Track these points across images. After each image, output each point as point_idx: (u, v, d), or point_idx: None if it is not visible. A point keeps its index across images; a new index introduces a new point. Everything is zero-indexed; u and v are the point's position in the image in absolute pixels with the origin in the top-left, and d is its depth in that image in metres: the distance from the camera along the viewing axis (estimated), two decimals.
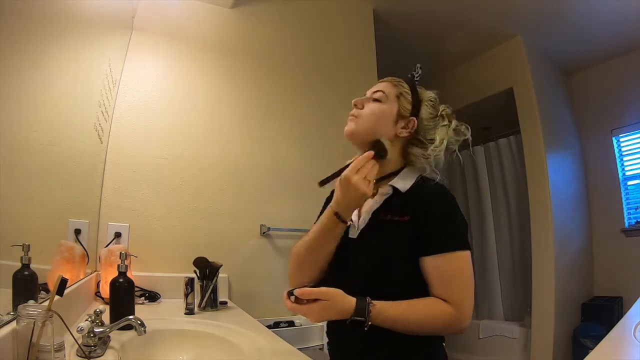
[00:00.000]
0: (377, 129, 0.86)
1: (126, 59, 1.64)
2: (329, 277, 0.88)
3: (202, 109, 1.81)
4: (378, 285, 0.78)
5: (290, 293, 0.72)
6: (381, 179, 0.87)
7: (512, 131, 2.89)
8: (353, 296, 0.73)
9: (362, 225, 0.85)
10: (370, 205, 0.86)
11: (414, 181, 0.85)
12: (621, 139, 2.97)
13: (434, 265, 0.76)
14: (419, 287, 0.78)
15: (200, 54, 1.85)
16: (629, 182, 2.92)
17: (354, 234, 0.86)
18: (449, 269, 0.76)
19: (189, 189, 1.71)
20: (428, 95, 0.91)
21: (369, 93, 0.92)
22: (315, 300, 0.71)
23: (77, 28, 1.04)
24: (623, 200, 2.90)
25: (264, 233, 1.83)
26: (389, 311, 0.73)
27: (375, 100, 0.89)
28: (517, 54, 2.76)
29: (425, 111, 0.88)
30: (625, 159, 2.96)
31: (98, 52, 1.27)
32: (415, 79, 0.91)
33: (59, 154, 0.96)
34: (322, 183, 0.85)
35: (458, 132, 0.88)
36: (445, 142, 0.86)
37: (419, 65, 0.91)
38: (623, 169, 2.96)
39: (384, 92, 0.88)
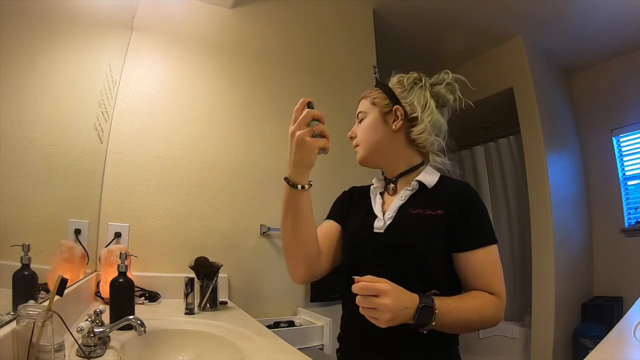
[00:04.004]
0: (375, 139, 0.88)
1: (126, 59, 1.64)
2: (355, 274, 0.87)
3: (202, 108, 1.81)
4: (409, 277, 0.76)
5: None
6: (400, 176, 0.89)
7: (512, 131, 2.89)
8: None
9: (388, 220, 0.84)
10: (395, 201, 0.86)
11: (437, 177, 0.87)
12: (621, 139, 2.97)
13: (472, 259, 0.77)
14: (451, 282, 0.78)
15: (200, 54, 1.85)
16: (629, 182, 2.92)
17: (380, 228, 0.84)
18: (487, 262, 0.77)
19: (189, 188, 1.71)
20: (395, 79, 0.93)
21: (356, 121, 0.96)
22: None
23: (77, 28, 1.04)
24: (623, 200, 2.90)
25: (264, 233, 1.83)
26: (451, 304, 0.71)
27: (361, 121, 0.93)
28: (517, 54, 2.76)
29: (398, 91, 0.89)
30: (625, 159, 2.96)
31: (98, 52, 1.27)
32: (376, 77, 0.96)
33: (59, 154, 0.96)
34: None
35: (444, 83, 0.90)
36: (430, 102, 0.87)
37: (373, 65, 0.97)
38: (623, 169, 2.96)
39: (362, 111, 0.93)
